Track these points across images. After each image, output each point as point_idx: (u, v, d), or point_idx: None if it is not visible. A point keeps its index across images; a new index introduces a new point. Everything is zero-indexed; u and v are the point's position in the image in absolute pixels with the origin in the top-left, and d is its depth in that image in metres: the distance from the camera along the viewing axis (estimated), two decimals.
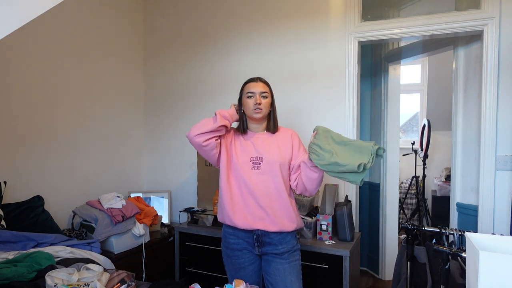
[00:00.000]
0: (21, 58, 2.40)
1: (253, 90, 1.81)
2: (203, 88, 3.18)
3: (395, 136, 3.34)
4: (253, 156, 1.81)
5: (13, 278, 1.61)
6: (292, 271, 1.79)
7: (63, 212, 2.67)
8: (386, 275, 3.36)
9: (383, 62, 3.37)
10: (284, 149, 1.84)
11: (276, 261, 1.79)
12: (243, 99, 1.84)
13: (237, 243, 1.82)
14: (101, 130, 3.00)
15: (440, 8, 2.46)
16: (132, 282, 1.70)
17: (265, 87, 1.83)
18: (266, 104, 1.81)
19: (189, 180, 3.27)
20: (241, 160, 1.81)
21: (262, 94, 1.80)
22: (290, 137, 1.89)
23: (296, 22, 2.81)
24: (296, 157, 1.84)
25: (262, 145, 1.83)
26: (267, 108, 1.83)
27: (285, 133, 1.90)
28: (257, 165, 1.79)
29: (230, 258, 1.86)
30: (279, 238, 1.78)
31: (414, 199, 4.86)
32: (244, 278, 1.80)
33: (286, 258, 1.79)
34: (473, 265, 1.09)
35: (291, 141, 1.87)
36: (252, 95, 1.80)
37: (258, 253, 1.83)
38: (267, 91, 1.83)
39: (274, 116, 1.89)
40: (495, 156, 2.36)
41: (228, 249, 1.86)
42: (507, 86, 2.32)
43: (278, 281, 1.77)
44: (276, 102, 1.93)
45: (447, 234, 1.79)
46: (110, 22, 3.06)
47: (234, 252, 1.84)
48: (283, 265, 1.78)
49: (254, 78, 1.86)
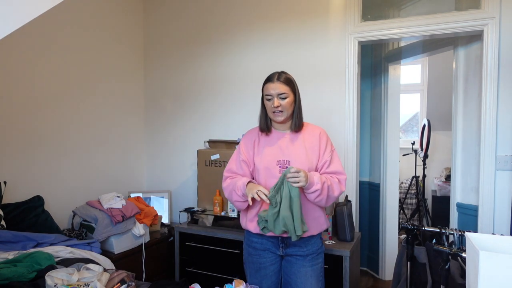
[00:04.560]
0: (21, 58, 2.40)
1: (271, 92, 1.70)
2: (203, 88, 3.18)
3: (395, 136, 3.34)
4: (280, 159, 1.72)
5: (13, 278, 1.62)
6: (313, 274, 1.75)
7: (63, 212, 2.67)
8: (386, 275, 3.36)
9: (383, 62, 3.37)
10: (311, 150, 1.75)
11: (298, 263, 1.74)
12: (263, 99, 1.77)
13: (261, 243, 1.78)
14: (101, 130, 3.00)
15: (440, 8, 2.46)
16: (132, 282, 1.70)
17: (283, 87, 1.69)
18: (286, 105, 1.70)
19: (189, 180, 3.27)
20: (267, 164, 1.74)
21: (280, 96, 1.69)
22: (318, 136, 1.78)
23: (296, 22, 2.81)
24: (321, 159, 1.75)
25: (288, 147, 1.74)
26: (288, 109, 1.72)
27: (312, 132, 1.79)
28: (284, 168, 1.68)
29: (252, 257, 1.80)
30: (304, 240, 1.74)
31: (414, 199, 4.86)
32: (263, 279, 1.77)
33: (309, 261, 1.75)
34: (473, 265, 1.09)
35: (318, 141, 1.77)
36: (270, 97, 1.71)
37: (282, 254, 1.78)
38: (285, 91, 1.69)
39: (297, 114, 1.76)
40: (495, 156, 2.36)
41: (250, 247, 1.81)
42: (507, 86, 2.32)
43: (298, 283, 1.74)
44: None
45: (447, 234, 1.79)
46: (110, 22, 3.06)
47: (256, 251, 1.79)
48: (306, 268, 1.74)
49: (272, 77, 1.73)
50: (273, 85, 1.70)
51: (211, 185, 2.80)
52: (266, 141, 1.80)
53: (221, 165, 2.76)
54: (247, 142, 1.84)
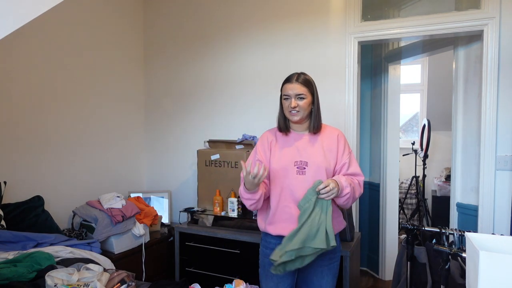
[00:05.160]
0: (21, 58, 2.40)
1: (289, 92, 1.70)
2: (203, 88, 3.18)
3: (395, 136, 3.34)
4: (297, 160, 1.71)
5: (13, 278, 1.62)
6: (329, 273, 1.75)
7: (63, 212, 2.67)
8: (386, 275, 3.36)
9: (383, 62, 3.37)
10: (329, 152, 1.74)
11: (316, 262, 1.71)
12: (281, 99, 1.76)
13: (278, 243, 1.74)
14: (101, 130, 3.00)
15: (440, 8, 2.46)
16: (132, 282, 1.70)
17: (301, 88, 1.70)
18: (303, 106, 1.70)
19: (189, 180, 3.27)
20: (284, 164, 1.72)
21: (298, 96, 1.69)
22: (336, 138, 1.77)
23: (296, 22, 2.81)
24: (339, 161, 1.74)
25: (306, 148, 1.73)
26: (306, 110, 1.72)
27: (330, 134, 1.78)
28: (302, 170, 1.69)
29: (267, 258, 1.75)
30: None
31: (414, 199, 4.86)
32: (280, 281, 1.75)
33: (327, 260, 1.74)
34: (473, 265, 1.09)
35: (336, 143, 1.76)
36: (288, 97, 1.71)
37: None
38: (303, 92, 1.70)
39: (315, 115, 1.75)
40: (495, 156, 2.36)
41: (268, 249, 1.77)
42: (507, 86, 2.32)
43: (314, 280, 1.75)
44: (275, 102, 1.89)
45: (447, 234, 1.79)
46: (110, 22, 3.06)
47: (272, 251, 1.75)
48: (322, 267, 1.74)
49: (291, 78, 1.73)
50: (291, 85, 1.71)
51: (211, 185, 2.80)
52: (284, 141, 1.79)
53: (221, 165, 2.76)
54: (264, 142, 1.83)
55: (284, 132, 1.80)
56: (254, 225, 2.56)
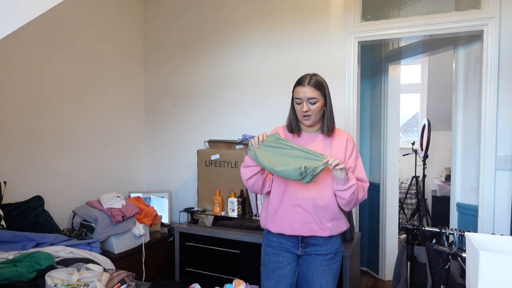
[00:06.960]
0: (20, 58, 2.40)
1: (300, 96, 1.69)
2: (203, 88, 3.18)
3: (395, 136, 3.34)
4: None
5: (13, 278, 1.62)
6: (330, 273, 1.76)
7: (63, 212, 2.67)
8: (386, 275, 3.36)
9: (383, 62, 3.37)
10: (338, 155, 1.73)
11: (317, 262, 1.74)
12: (293, 101, 1.75)
13: (280, 242, 1.78)
14: (101, 130, 3.00)
15: (440, 8, 2.46)
16: (132, 282, 1.70)
17: (313, 91, 1.68)
18: (315, 110, 1.69)
19: (189, 180, 3.27)
20: None
21: (309, 100, 1.68)
22: (345, 142, 1.77)
23: (296, 22, 2.81)
24: (346, 164, 1.74)
25: (316, 149, 1.72)
26: (317, 113, 1.71)
27: (340, 138, 1.79)
28: None
29: (269, 256, 1.80)
30: (324, 239, 1.74)
31: (414, 199, 4.86)
32: (280, 279, 1.76)
33: (327, 260, 1.75)
34: (473, 265, 1.09)
35: (345, 146, 1.76)
36: (300, 101, 1.70)
37: (301, 254, 1.78)
38: (315, 96, 1.68)
39: (328, 118, 1.75)
40: (495, 156, 2.36)
41: (269, 247, 1.80)
42: (507, 86, 2.32)
43: (314, 280, 1.75)
44: (275, 102, 1.89)
45: (447, 234, 1.79)
46: (110, 22, 3.06)
47: (274, 250, 1.79)
48: (323, 267, 1.75)
49: (303, 80, 1.71)
50: (303, 89, 1.69)
51: (211, 185, 2.80)
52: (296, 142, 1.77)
53: (221, 165, 2.77)
54: None
55: (296, 133, 1.80)
56: (254, 225, 2.56)
